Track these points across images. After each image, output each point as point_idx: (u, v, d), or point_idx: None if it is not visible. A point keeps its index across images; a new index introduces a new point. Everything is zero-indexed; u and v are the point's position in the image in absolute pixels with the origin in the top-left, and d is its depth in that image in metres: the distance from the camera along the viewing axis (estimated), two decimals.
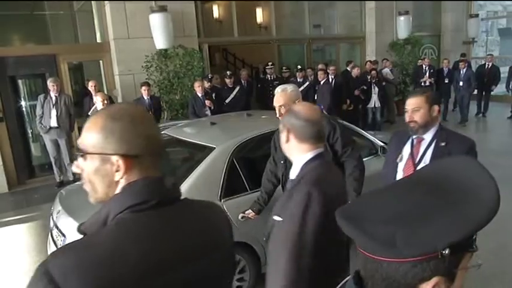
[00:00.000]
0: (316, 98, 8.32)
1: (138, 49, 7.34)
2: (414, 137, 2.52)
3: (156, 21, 7.27)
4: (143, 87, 6.77)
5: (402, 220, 0.73)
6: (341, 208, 0.81)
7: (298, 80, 8.68)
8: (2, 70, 6.78)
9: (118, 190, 1.00)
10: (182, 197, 1.21)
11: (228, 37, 10.01)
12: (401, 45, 10.91)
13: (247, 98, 8.43)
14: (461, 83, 9.73)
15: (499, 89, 11.70)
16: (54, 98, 6.38)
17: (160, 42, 7.34)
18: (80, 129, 7.18)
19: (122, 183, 1.00)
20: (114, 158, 0.98)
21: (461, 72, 9.78)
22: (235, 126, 4.40)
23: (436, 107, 2.43)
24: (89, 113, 6.36)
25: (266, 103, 8.49)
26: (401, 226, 0.72)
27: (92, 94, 6.70)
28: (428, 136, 2.47)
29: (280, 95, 2.88)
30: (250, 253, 3.36)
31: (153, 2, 7.42)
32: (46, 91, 6.50)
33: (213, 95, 7.38)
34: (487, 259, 3.76)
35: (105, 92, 7.48)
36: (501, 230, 3.49)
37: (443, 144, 2.42)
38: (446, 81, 10.15)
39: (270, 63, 8.83)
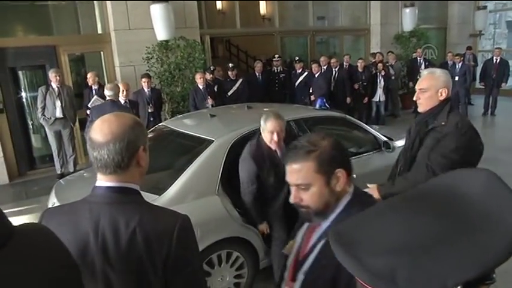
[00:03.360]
0: (311, 91, 8.23)
1: (139, 40, 7.26)
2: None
3: (157, 12, 7.17)
4: (144, 79, 6.70)
5: (405, 251, 0.62)
6: (336, 230, 0.70)
7: (298, 71, 8.60)
8: (2, 61, 6.71)
9: None
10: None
11: (230, 28, 9.90)
12: (406, 38, 10.75)
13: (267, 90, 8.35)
14: (456, 78, 9.55)
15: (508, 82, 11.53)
16: (56, 89, 6.33)
17: (161, 33, 7.25)
18: (79, 121, 7.18)
19: None
20: None
21: (457, 66, 9.59)
22: (235, 119, 4.33)
23: (339, 173, 1.35)
24: (89, 105, 6.31)
25: (272, 96, 8.41)
26: (404, 259, 0.61)
27: (91, 86, 6.66)
28: (326, 224, 1.42)
29: (426, 77, 2.51)
30: (247, 248, 3.31)
31: None
32: (47, 82, 6.45)
33: (215, 87, 7.31)
34: None
35: (106, 83, 7.43)
36: None
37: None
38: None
39: (276, 56, 8.73)
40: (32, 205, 5.56)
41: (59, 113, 6.34)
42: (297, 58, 8.84)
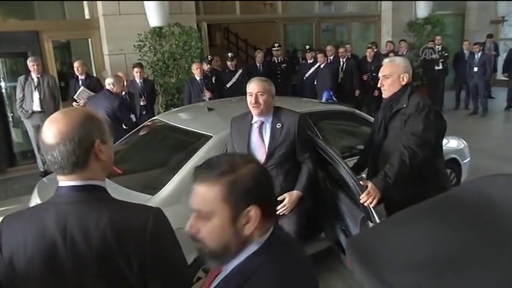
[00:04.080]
0: (315, 83, 8.19)
1: (130, 27, 7.22)
2: None
3: None
4: (135, 69, 6.67)
5: (432, 268, 0.58)
6: (353, 240, 0.66)
7: (309, 61, 8.57)
8: None
9: None
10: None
11: (229, 15, 9.86)
12: (420, 25, 10.70)
13: None
14: (475, 69, 9.52)
15: None
16: (36, 80, 6.30)
17: (154, 19, 7.21)
18: None
19: None
20: None
21: (476, 56, 9.58)
22: (234, 113, 4.28)
23: (252, 212, 1.16)
24: (75, 97, 6.28)
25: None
26: (430, 276, 0.57)
27: (78, 76, 6.63)
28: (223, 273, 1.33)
29: (388, 65, 3.00)
30: None
31: None
32: (27, 72, 6.42)
33: (213, 78, 7.28)
34: None
35: (94, 73, 7.41)
36: None
37: None
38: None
39: (276, 45, 8.70)
40: (13, 205, 5.54)
41: (36, 106, 6.30)
42: (307, 47, 8.83)
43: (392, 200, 2.88)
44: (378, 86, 3.09)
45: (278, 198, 2.86)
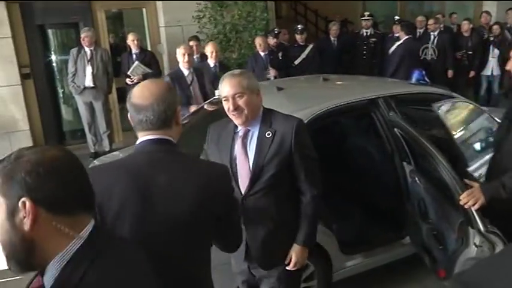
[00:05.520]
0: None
1: None
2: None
3: None
4: (191, 43, 6.73)
5: None
6: (461, 280, 0.62)
7: (395, 35, 8.22)
8: (29, 18, 7.04)
9: None
10: None
11: None
12: None
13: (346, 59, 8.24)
14: None
15: None
16: (89, 53, 6.56)
17: None
18: (118, 91, 7.41)
19: None
20: None
21: None
22: (308, 94, 4.26)
23: (24, 204, 1.23)
24: (128, 73, 6.48)
25: (357, 66, 8.17)
26: None
27: (131, 50, 6.81)
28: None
29: None
30: (320, 256, 3.26)
31: None
32: (79, 44, 6.69)
33: (279, 54, 7.25)
34: None
35: (148, 47, 7.59)
36: None
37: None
38: None
39: (366, 14, 8.56)
40: None
41: (88, 82, 6.58)
42: (396, 18, 8.61)
43: (493, 210, 2.69)
44: (506, 68, 2.72)
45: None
